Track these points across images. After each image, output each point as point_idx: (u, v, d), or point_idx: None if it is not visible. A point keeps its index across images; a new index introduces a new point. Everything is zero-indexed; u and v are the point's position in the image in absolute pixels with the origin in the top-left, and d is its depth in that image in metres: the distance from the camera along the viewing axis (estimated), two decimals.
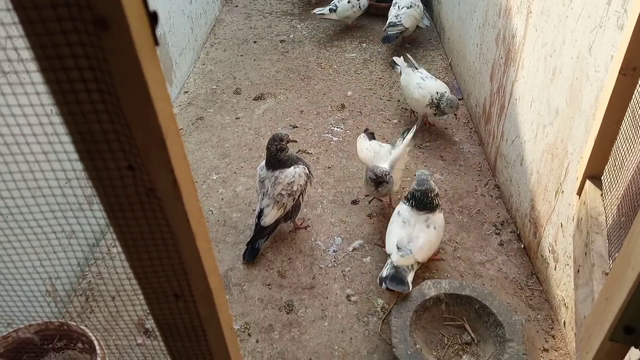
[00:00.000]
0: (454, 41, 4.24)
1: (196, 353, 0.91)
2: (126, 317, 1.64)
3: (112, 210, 0.66)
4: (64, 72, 0.54)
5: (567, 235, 2.11)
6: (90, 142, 0.59)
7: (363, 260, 2.67)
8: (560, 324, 2.26)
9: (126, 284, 1.24)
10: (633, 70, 1.32)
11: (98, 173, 0.62)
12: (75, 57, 0.53)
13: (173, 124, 0.59)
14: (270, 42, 4.89)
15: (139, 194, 0.64)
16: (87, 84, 0.54)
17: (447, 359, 2.10)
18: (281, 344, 2.28)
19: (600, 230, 1.42)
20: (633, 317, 0.91)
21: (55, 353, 1.81)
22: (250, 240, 2.65)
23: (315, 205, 3.03)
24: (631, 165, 1.39)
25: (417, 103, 3.43)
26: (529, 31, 2.55)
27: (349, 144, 3.52)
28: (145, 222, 0.67)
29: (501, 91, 3.00)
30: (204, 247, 0.73)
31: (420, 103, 3.40)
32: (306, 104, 3.97)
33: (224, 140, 3.60)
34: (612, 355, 1.01)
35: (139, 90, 0.53)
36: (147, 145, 0.58)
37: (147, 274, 0.75)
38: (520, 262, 2.62)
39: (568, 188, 2.10)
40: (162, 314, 0.83)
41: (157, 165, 0.60)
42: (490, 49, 3.20)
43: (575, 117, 2.02)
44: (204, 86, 4.26)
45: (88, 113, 0.57)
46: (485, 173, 3.22)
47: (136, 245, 0.71)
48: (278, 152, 2.62)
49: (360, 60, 4.53)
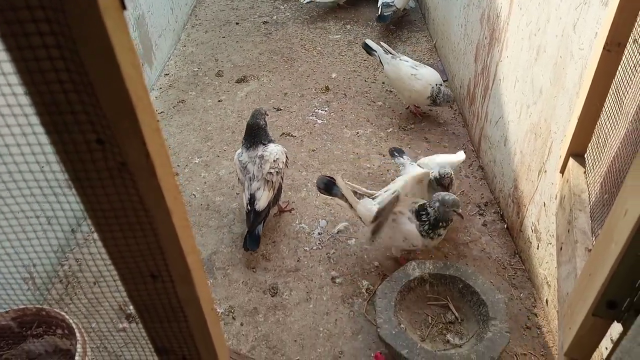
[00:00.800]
0: (438, 22, 4.21)
1: (176, 335, 0.89)
2: (107, 303, 1.61)
3: (81, 187, 0.63)
4: (25, 37, 0.50)
5: (550, 214, 2.12)
6: (55, 114, 0.56)
7: (348, 242, 2.66)
8: (542, 302, 2.28)
9: (106, 269, 1.21)
10: (617, 46, 1.31)
11: (65, 147, 0.58)
12: (37, 22, 0.50)
13: (144, 93, 0.56)
14: (253, 24, 4.81)
15: (110, 168, 0.60)
16: (49, 51, 0.51)
17: (431, 338, 2.11)
18: (266, 327, 2.28)
19: (584, 208, 1.42)
20: (616, 292, 0.91)
21: (34, 339, 1.77)
22: (249, 230, 2.53)
23: (300, 188, 3.01)
24: (614, 142, 1.39)
25: (419, 95, 3.28)
26: (514, 10, 2.53)
27: (333, 126, 3.49)
28: (117, 199, 0.64)
29: (485, 72, 2.99)
30: (180, 224, 0.70)
31: (422, 94, 3.26)
32: (290, 86, 3.92)
33: (206, 124, 3.55)
34: (594, 330, 1.01)
35: (104, 56, 0.50)
36: (116, 115, 0.54)
37: (122, 253, 0.72)
38: (503, 242, 2.63)
39: (551, 167, 2.11)
40: (140, 296, 0.81)
41: (127, 137, 0.57)
42: (475, 30, 3.18)
43: (559, 96, 2.02)
44: (185, 68, 4.18)
45: (51, 82, 0.53)
46: (469, 154, 3.22)
47: (109, 223, 0.68)
48: (266, 125, 2.67)
49: (345, 42, 4.48)
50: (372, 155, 3.22)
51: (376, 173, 3.08)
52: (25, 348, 1.78)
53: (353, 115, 3.58)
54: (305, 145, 3.32)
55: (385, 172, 3.08)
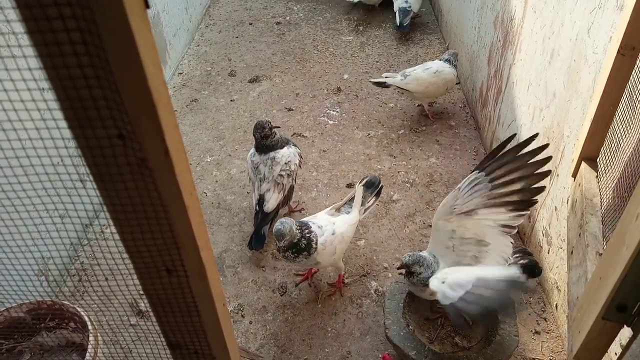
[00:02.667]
0: (451, 25, 4.20)
1: (189, 329, 0.90)
2: (120, 297, 1.63)
3: (102, 181, 0.64)
4: (52, 34, 0.52)
5: (561, 218, 2.11)
6: (79, 109, 0.57)
7: (357, 243, 2.67)
8: (552, 306, 2.27)
9: (120, 264, 1.23)
10: (632, 50, 1.30)
11: (88, 142, 0.60)
12: (64, 19, 0.51)
13: (164, 90, 0.57)
14: (266, 24, 4.83)
15: (130, 164, 0.62)
16: (75, 47, 0.53)
17: (439, 340, 2.11)
18: (275, 325, 2.29)
19: (595, 212, 1.42)
20: (627, 295, 0.91)
21: (47, 332, 1.80)
22: (255, 229, 2.57)
23: (310, 188, 3.02)
24: (627, 146, 1.39)
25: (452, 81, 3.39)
26: (528, 13, 2.53)
27: (345, 127, 3.50)
28: (136, 194, 0.66)
29: (498, 75, 2.98)
30: (196, 220, 0.71)
31: (452, 79, 3.38)
32: (302, 86, 3.93)
33: (218, 123, 3.58)
34: (604, 334, 1.01)
35: (129, 53, 0.52)
36: (138, 112, 0.56)
37: (139, 247, 0.74)
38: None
39: (563, 171, 2.10)
40: (155, 290, 0.82)
41: (148, 133, 0.58)
42: (488, 32, 3.18)
43: (572, 99, 2.01)
44: (198, 68, 4.21)
45: (77, 78, 0.55)
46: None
47: (127, 218, 0.69)
48: (263, 139, 2.59)
49: (357, 43, 4.49)
50: (382, 157, 3.22)
51: (387, 174, 3.08)
52: (38, 340, 1.81)
53: (364, 117, 3.59)
54: (317, 146, 3.34)
55: (396, 174, 3.08)
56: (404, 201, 2.91)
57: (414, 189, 2.99)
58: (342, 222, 2.28)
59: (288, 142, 2.67)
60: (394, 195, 2.93)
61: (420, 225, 2.76)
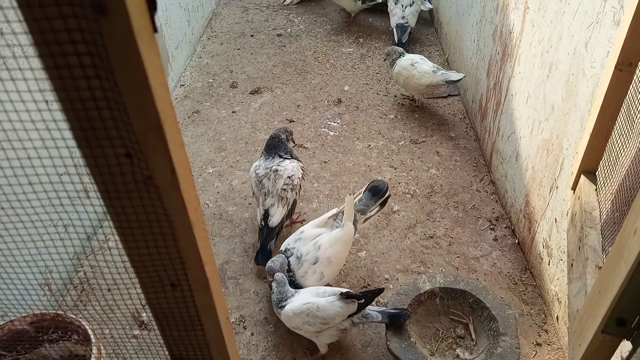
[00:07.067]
0: (451, 37, 4.24)
1: (192, 342, 0.91)
2: (122, 309, 1.64)
3: (109, 198, 0.66)
4: (63, 57, 0.54)
5: (561, 230, 2.12)
6: (88, 129, 0.59)
7: (358, 254, 2.68)
8: (553, 318, 2.27)
9: (123, 276, 1.24)
10: (629, 66, 1.32)
11: (96, 160, 0.62)
12: (74, 43, 0.53)
13: (171, 111, 0.59)
14: (267, 36, 4.87)
15: (137, 181, 0.64)
16: (85, 70, 0.54)
17: (440, 352, 2.11)
18: (276, 337, 2.29)
19: (594, 225, 1.43)
20: (626, 309, 0.92)
21: (50, 344, 1.80)
22: (261, 245, 2.56)
23: (312, 199, 3.03)
24: (626, 160, 1.40)
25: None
26: (526, 27, 2.56)
27: (345, 138, 3.52)
28: (142, 211, 0.67)
29: (497, 87, 3.01)
30: (200, 235, 0.73)
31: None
32: (303, 98, 3.96)
33: (220, 134, 3.60)
34: (604, 347, 1.02)
35: (137, 76, 0.53)
36: (145, 132, 0.58)
37: (144, 262, 0.75)
38: (514, 257, 2.63)
39: (563, 184, 2.11)
40: (159, 304, 0.83)
41: (154, 152, 0.60)
42: (487, 45, 3.21)
43: (570, 113, 2.03)
44: (200, 79, 4.24)
45: (86, 99, 0.56)
46: (480, 169, 3.23)
47: (133, 233, 0.71)
48: (287, 140, 2.76)
49: (358, 55, 4.53)
50: (383, 168, 3.24)
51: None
52: (41, 352, 1.81)
53: (365, 128, 3.61)
54: (317, 157, 3.35)
55: (396, 185, 3.09)
56: (405, 212, 2.92)
57: (414, 200, 3.00)
58: (328, 244, 2.29)
59: (292, 156, 2.73)
60: (394, 206, 2.95)
61: (421, 236, 2.77)
